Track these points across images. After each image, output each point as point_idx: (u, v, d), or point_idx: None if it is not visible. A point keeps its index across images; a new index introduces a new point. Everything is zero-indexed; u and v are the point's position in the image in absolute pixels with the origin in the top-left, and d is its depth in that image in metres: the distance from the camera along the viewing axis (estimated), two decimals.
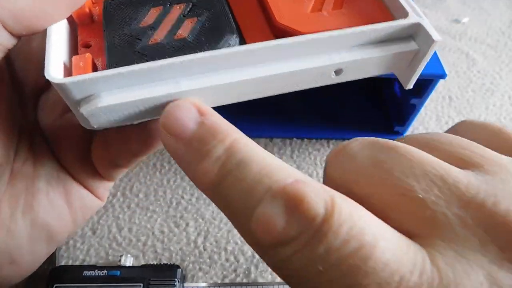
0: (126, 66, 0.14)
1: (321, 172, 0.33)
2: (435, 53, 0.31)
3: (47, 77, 0.14)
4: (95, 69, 0.16)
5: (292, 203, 0.11)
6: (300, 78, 0.16)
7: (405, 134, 0.35)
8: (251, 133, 0.40)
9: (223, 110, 0.18)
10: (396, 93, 0.36)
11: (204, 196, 0.32)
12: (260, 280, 0.27)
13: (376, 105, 0.38)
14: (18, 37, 0.16)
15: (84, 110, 0.15)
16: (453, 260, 0.11)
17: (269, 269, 0.28)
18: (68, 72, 0.16)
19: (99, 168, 0.22)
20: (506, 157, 0.13)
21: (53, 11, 0.16)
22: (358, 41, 0.16)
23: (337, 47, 0.16)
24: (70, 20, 0.18)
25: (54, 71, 0.15)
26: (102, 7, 0.18)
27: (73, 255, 0.28)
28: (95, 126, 0.16)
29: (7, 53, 0.17)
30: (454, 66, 0.43)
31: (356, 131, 0.36)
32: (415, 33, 0.16)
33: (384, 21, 0.16)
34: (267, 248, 0.12)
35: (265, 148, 0.35)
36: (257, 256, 0.28)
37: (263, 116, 0.37)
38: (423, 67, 0.17)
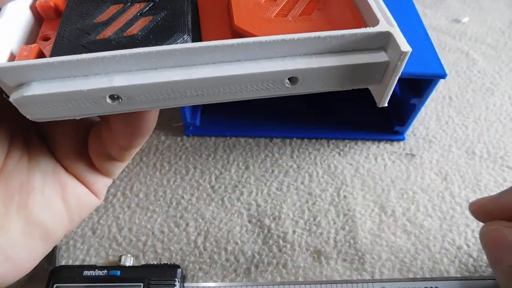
0: (56, 57, 0.14)
1: (321, 172, 0.33)
2: (435, 53, 0.31)
3: None
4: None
5: None
6: (248, 84, 0.15)
7: (405, 134, 0.35)
8: (251, 133, 0.40)
9: (223, 110, 0.18)
10: (396, 93, 0.36)
11: (204, 196, 0.32)
12: (260, 280, 0.27)
13: (376, 105, 0.38)
14: None
15: (12, 97, 0.14)
16: None
17: (269, 269, 0.28)
18: (12, 59, 0.16)
19: (95, 161, 0.22)
20: None
21: None
22: (317, 48, 0.15)
23: (292, 53, 0.15)
24: (37, 15, 0.18)
25: None
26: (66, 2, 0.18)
27: (73, 255, 0.28)
28: (28, 117, 0.15)
29: None
30: (454, 66, 0.43)
31: (356, 131, 0.36)
32: (386, 43, 0.15)
33: (353, 28, 0.15)
34: None
35: (265, 148, 0.35)
36: (257, 256, 0.28)
37: (263, 116, 0.37)
38: (395, 82, 0.15)
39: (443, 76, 0.29)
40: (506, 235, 0.19)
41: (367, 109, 0.38)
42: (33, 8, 0.18)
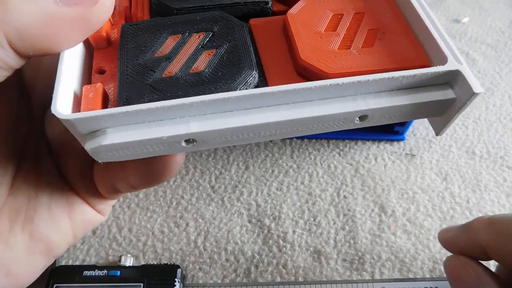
0: (133, 105, 0.14)
1: (321, 172, 0.33)
2: None
3: (53, 112, 0.14)
4: (105, 99, 0.16)
5: None
6: (321, 123, 0.15)
7: (405, 134, 0.35)
8: None
9: None
10: None
11: (204, 196, 0.32)
12: (260, 280, 0.27)
13: None
14: (26, 57, 0.15)
15: (88, 146, 0.14)
16: None
17: (269, 269, 0.28)
18: (77, 102, 0.15)
19: (100, 189, 0.21)
20: None
21: (65, 36, 0.15)
22: (388, 86, 0.15)
23: (363, 92, 0.15)
24: (86, 43, 0.18)
25: (60, 105, 0.14)
26: (119, 31, 0.17)
27: (73, 255, 0.28)
28: (100, 161, 0.15)
29: (12, 71, 0.15)
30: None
31: (356, 131, 0.35)
32: (453, 80, 0.15)
33: (419, 64, 0.15)
34: None
35: (265, 148, 0.35)
36: (257, 256, 0.28)
37: None
38: (459, 116, 0.16)
39: None
40: (466, 273, 0.20)
41: None
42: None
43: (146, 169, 0.18)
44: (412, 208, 0.31)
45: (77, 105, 0.15)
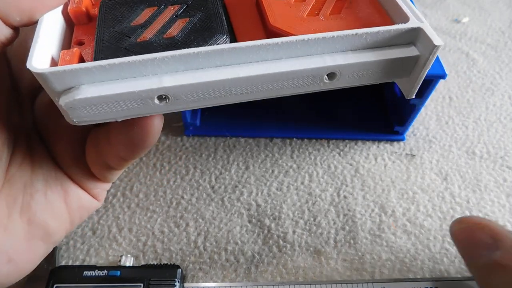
0: (107, 60, 0.14)
1: (321, 172, 0.33)
2: None
3: (28, 66, 0.14)
4: (82, 62, 0.16)
5: None
6: (291, 81, 0.16)
7: (405, 134, 0.35)
8: (251, 133, 0.40)
9: (223, 110, 0.18)
10: (396, 93, 0.36)
11: (204, 196, 0.32)
12: (260, 280, 0.27)
13: (376, 105, 0.38)
14: (12, 27, 0.16)
15: (63, 101, 0.15)
16: None
17: (269, 269, 0.28)
18: (55, 65, 0.16)
19: (93, 170, 0.21)
20: None
21: None
22: (353, 44, 0.16)
23: (331, 50, 0.16)
24: (68, 20, 0.18)
25: (36, 61, 0.15)
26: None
27: (73, 255, 0.28)
28: (75, 120, 0.15)
29: (3, 47, 0.16)
30: (454, 66, 0.43)
31: (356, 131, 0.36)
32: (415, 38, 0.16)
33: (383, 26, 0.16)
34: None
35: (265, 148, 0.35)
36: (257, 256, 0.28)
37: (263, 116, 0.37)
38: (425, 75, 0.16)
39: (443, 76, 0.29)
40: (481, 231, 0.19)
41: (367, 109, 0.38)
42: (64, 13, 0.18)
43: (128, 137, 0.19)
44: (412, 208, 0.31)
45: (53, 66, 0.16)
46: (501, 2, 0.50)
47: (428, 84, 0.30)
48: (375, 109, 0.38)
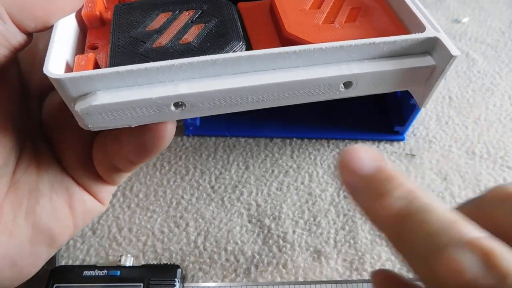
0: (123, 66, 0.14)
1: (321, 172, 0.33)
2: None
3: (45, 72, 0.14)
4: (97, 68, 0.16)
5: (487, 256, 0.12)
6: (307, 89, 0.16)
7: (405, 134, 0.35)
8: (251, 133, 0.40)
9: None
10: (396, 93, 0.36)
11: (204, 196, 0.32)
12: (260, 280, 0.27)
13: (376, 105, 0.38)
14: (27, 33, 0.16)
15: (79, 107, 0.14)
16: None
17: (269, 269, 0.28)
18: (69, 70, 0.16)
19: (101, 172, 0.21)
20: None
21: (60, 3, 0.16)
22: (370, 53, 0.15)
23: (347, 58, 0.15)
24: (81, 23, 0.18)
25: (53, 67, 0.15)
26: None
27: (73, 255, 0.28)
28: (89, 126, 0.15)
29: (14, 52, 0.16)
30: (454, 66, 0.43)
31: (356, 131, 0.36)
32: (432, 48, 0.16)
33: (399, 35, 0.15)
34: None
35: (265, 148, 0.35)
36: (257, 256, 0.28)
37: (263, 116, 0.37)
38: (440, 84, 0.16)
39: None
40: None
41: (367, 109, 0.38)
42: (78, 17, 0.18)
43: (140, 141, 0.19)
44: None
45: (68, 71, 0.16)
46: (501, 2, 0.50)
47: None
48: (375, 109, 0.38)
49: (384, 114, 0.37)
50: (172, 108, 0.15)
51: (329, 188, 0.32)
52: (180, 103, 0.15)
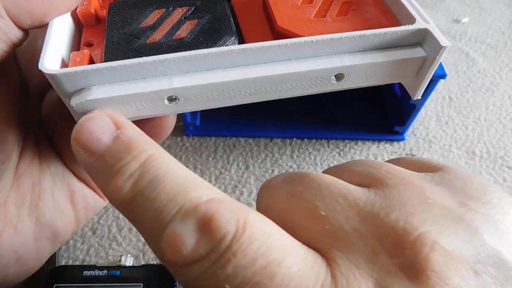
0: (118, 61, 0.14)
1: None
2: None
3: (40, 67, 0.14)
4: (91, 63, 0.16)
5: (203, 222, 0.11)
6: (299, 82, 0.16)
7: (405, 134, 0.35)
8: (251, 133, 0.40)
9: (223, 110, 0.18)
10: (396, 93, 0.36)
11: None
12: None
13: (376, 105, 0.38)
14: (24, 30, 0.16)
15: (74, 102, 0.15)
16: (347, 270, 0.12)
17: None
18: (65, 66, 0.16)
19: None
20: (408, 170, 0.14)
21: (57, 1, 0.16)
22: (360, 45, 0.16)
23: (338, 51, 0.16)
24: (77, 21, 0.18)
25: (48, 63, 0.15)
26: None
27: (73, 255, 0.28)
28: None
29: (12, 47, 0.16)
30: (454, 66, 0.43)
31: (356, 131, 0.36)
32: (422, 39, 0.16)
33: (390, 27, 0.16)
34: (177, 267, 0.12)
35: (265, 148, 0.35)
36: None
37: (263, 116, 0.37)
38: (431, 75, 0.16)
39: (443, 76, 0.29)
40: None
41: (367, 109, 0.38)
42: (73, 15, 0.18)
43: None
44: None
45: (64, 67, 0.16)
46: (501, 2, 0.50)
47: (428, 84, 0.30)
48: (375, 109, 0.38)
49: (384, 114, 0.37)
50: (166, 102, 0.15)
51: None
52: (173, 97, 0.15)
